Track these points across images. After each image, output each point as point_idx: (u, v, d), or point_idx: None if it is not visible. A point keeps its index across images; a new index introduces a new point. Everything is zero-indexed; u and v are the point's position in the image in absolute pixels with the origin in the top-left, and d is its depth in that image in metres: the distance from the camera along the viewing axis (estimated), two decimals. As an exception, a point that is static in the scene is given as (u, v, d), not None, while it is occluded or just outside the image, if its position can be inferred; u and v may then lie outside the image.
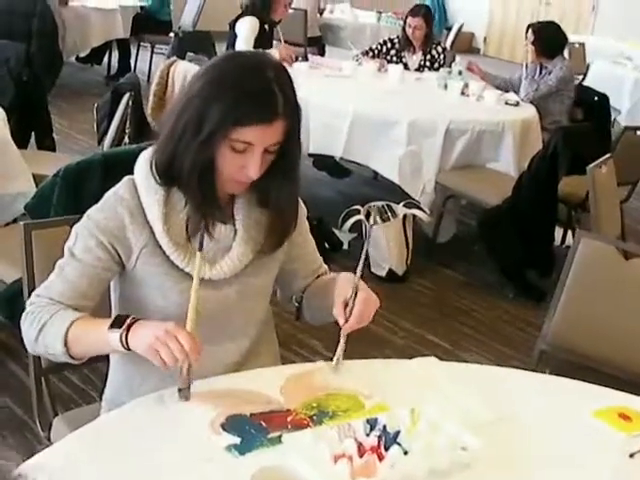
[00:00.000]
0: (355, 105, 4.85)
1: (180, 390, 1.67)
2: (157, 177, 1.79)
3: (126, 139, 3.71)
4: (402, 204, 4.83)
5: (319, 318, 2.06)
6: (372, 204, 4.85)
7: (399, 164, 4.81)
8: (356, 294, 1.83)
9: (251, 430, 1.62)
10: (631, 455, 1.74)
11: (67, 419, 2.12)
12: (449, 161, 4.98)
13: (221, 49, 6.36)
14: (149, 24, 8.25)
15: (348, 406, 1.76)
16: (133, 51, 8.70)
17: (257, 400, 1.73)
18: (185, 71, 4.26)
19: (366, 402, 1.77)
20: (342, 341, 1.86)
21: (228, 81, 1.71)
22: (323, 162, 5.99)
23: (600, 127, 5.26)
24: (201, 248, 1.72)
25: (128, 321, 1.66)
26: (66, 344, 1.72)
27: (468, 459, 1.61)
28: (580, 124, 5.41)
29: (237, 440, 1.59)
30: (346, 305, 1.83)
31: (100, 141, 3.93)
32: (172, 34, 8.28)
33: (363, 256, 1.84)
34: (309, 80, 5.36)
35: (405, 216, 4.78)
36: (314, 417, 1.70)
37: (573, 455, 1.73)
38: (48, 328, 1.74)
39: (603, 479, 1.67)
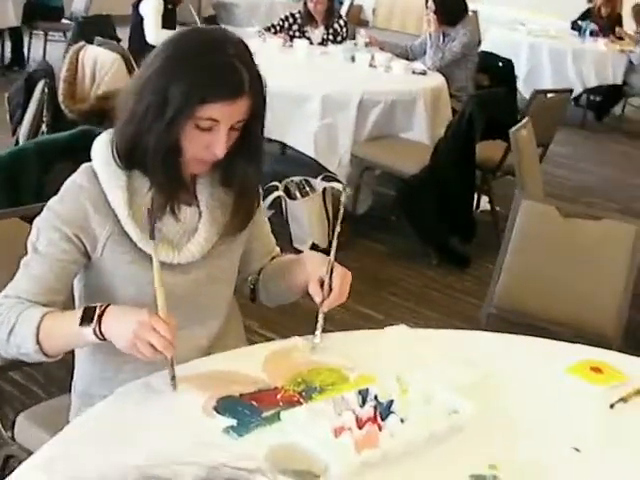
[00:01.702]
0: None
1: (173, 378, 1.63)
2: (119, 161, 1.72)
3: (43, 127, 3.59)
4: (320, 178, 4.83)
5: (276, 299, 2.04)
6: (290, 179, 4.83)
7: (314, 138, 4.80)
8: (332, 271, 1.81)
9: (245, 411, 1.60)
10: (611, 406, 1.79)
11: (31, 415, 2.05)
12: (363, 133, 5.00)
13: (123, 32, 6.22)
14: (40, 11, 7.97)
15: (333, 380, 1.75)
16: (25, 39, 8.42)
17: (243, 380, 1.70)
18: (95, 56, 4.15)
19: (350, 374, 1.76)
20: (320, 319, 1.84)
21: (188, 58, 1.66)
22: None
23: (507, 92, 5.34)
24: (153, 236, 1.64)
25: (97, 312, 1.60)
26: (38, 342, 1.65)
27: (462, 422, 1.62)
28: (493, 89, 5.50)
29: (233, 422, 1.56)
30: (322, 283, 1.81)
31: (15, 131, 3.79)
32: (65, 20, 8.07)
33: (337, 232, 1.82)
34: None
35: (324, 190, 4.78)
36: (303, 393, 1.68)
37: (557, 412, 1.76)
38: (18, 328, 1.67)
39: (589, 431, 1.70)
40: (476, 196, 5.29)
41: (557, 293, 2.74)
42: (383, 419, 1.58)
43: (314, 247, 4.62)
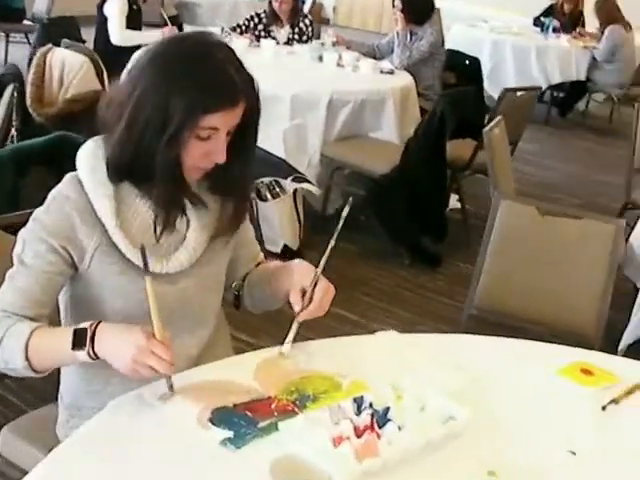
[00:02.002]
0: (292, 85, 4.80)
1: (171, 387, 1.61)
2: (113, 174, 1.69)
3: (13, 131, 3.53)
4: (290, 179, 4.80)
5: (261, 306, 2.02)
6: (260, 181, 4.80)
7: (284, 138, 4.78)
8: (316, 283, 1.79)
9: (240, 422, 1.58)
10: (603, 407, 1.79)
11: (15, 428, 2.02)
12: (333, 133, 4.99)
13: (87, 33, 6.15)
14: (1, 12, 7.85)
15: (325, 387, 1.73)
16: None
17: (236, 390, 1.68)
18: (63, 58, 4.09)
19: (342, 381, 1.75)
20: (294, 327, 1.83)
21: (182, 71, 1.63)
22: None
23: (477, 91, 5.36)
24: (147, 268, 1.61)
25: (89, 334, 1.58)
26: (27, 358, 1.62)
27: (459, 429, 1.61)
28: (463, 88, 5.51)
29: (230, 434, 1.54)
30: (304, 293, 1.80)
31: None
32: (27, 21, 7.96)
33: (330, 248, 1.81)
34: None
35: (295, 191, 4.76)
36: (297, 402, 1.67)
37: (550, 415, 1.76)
38: (6, 343, 1.64)
39: (584, 434, 1.70)
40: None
41: (537, 293, 2.75)
42: (380, 427, 1.56)
43: (285, 248, 4.61)
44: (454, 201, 5.39)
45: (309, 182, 4.83)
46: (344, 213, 1.81)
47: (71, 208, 1.69)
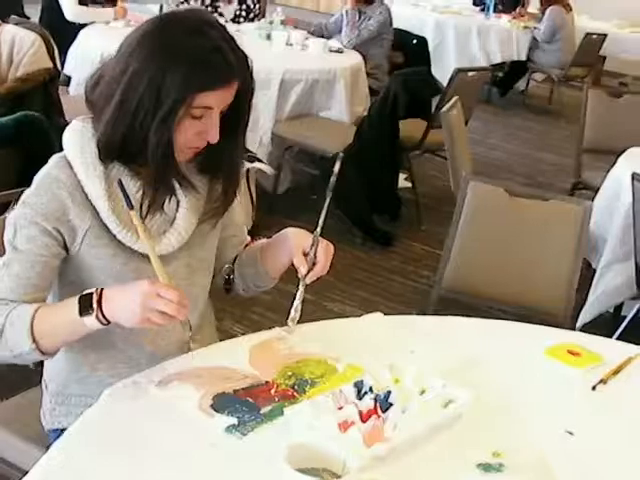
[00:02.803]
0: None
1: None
2: (104, 154, 1.65)
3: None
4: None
5: (254, 286, 2.00)
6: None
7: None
8: (316, 244, 1.79)
9: (243, 408, 1.56)
10: (593, 387, 1.81)
11: None
12: (284, 112, 4.97)
13: (30, 10, 6.00)
14: None
15: (322, 371, 1.72)
16: None
17: (233, 376, 1.66)
18: (13, 36, 3.96)
19: (337, 365, 1.74)
20: (301, 289, 1.81)
21: (176, 49, 1.59)
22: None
23: (428, 71, 5.39)
24: (131, 206, 1.61)
25: (95, 298, 1.55)
26: (34, 340, 1.58)
27: (460, 411, 1.61)
28: (416, 68, 5.51)
29: (233, 420, 1.52)
30: (306, 255, 1.78)
31: None
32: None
33: (326, 204, 1.80)
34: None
35: (248, 171, 4.72)
36: (295, 386, 1.65)
37: (544, 396, 1.78)
38: (8, 330, 1.59)
39: (578, 414, 1.73)
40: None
41: (506, 273, 2.78)
42: (383, 411, 1.56)
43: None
44: (402, 180, 5.42)
45: (261, 161, 4.80)
46: (335, 169, 1.81)
47: (62, 189, 1.64)
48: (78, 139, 1.68)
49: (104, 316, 1.55)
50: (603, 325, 3.49)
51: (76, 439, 1.46)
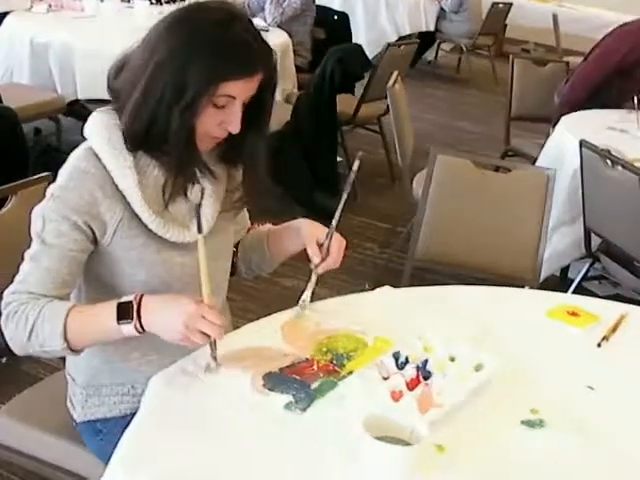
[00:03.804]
0: (122, 44, 4.63)
1: (215, 358, 1.63)
2: (130, 143, 1.67)
3: None
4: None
5: (258, 270, 2.06)
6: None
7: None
8: (331, 237, 1.86)
9: (294, 385, 1.62)
10: (598, 345, 1.94)
11: (9, 412, 2.00)
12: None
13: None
14: None
15: (354, 345, 1.79)
16: None
17: (274, 355, 1.72)
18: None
19: (366, 338, 1.82)
20: (313, 279, 1.89)
21: (201, 39, 1.61)
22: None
23: (359, 46, 5.46)
24: (200, 230, 1.64)
25: (134, 307, 1.58)
26: (66, 339, 1.61)
27: (492, 373, 1.71)
28: (349, 44, 5.58)
29: (289, 398, 1.58)
30: (320, 246, 1.85)
31: None
32: None
33: (344, 199, 1.86)
34: (60, 24, 5.05)
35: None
36: (333, 361, 1.72)
37: (556, 355, 1.90)
38: (40, 325, 1.61)
39: (591, 370, 1.85)
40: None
41: (477, 242, 2.90)
42: (425, 378, 1.65)
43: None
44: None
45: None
46: (355, 167, 1.88)
47: (92, 182, 1.66)
48: (103, 130, 1.70)
49: (142, 326, 1.58)
50: (551, 288, 3.63)
51: (145, 426, 1.50)
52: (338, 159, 5.43)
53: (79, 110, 5.42)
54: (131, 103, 1.65)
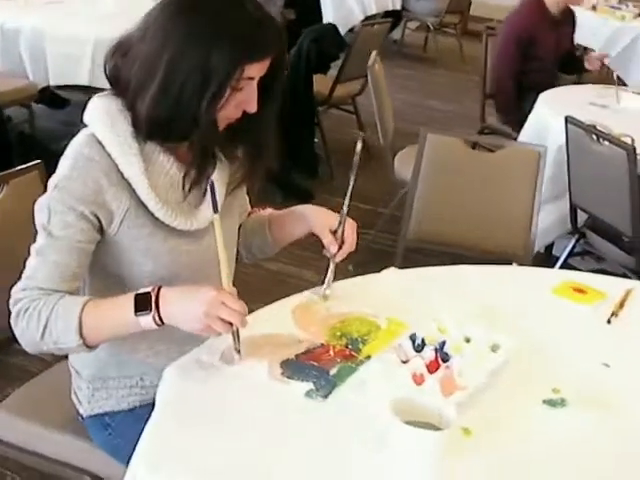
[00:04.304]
0: (94, 29, 4.55)
1: (238, 351, 1.59)
2: (147, 133, 1.62)
3: None
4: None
5: (259, 254, 2.03)
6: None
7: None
8: (344, 222, 1.84)
9: (312, 372, 1.59)
10: (608, 321, 1.93)
11: (9, 407, 1.96)
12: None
13: None
14: None
15: (367, 329, 1.77)
16: None
17: (289, 342, 1.69)
18: None
19: (378, 321, 1.79)
20: (332, 268, 1.86)
21: (219, 22, 1.55)
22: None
23: (334, 27, 5.41)
24: (216, 209, 1.60)
25: (153, 298, 1.53)
26: (82, 335, 1.55)
27: (509, 354, 1.69)
28: (324, 25, 5.53)
29: (310, 386, 1.55)
30: (333, 233, 1.82)
31: None
32: None
33: (352, 183, 1.83)
34: (31, 10, 4.93)
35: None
36: (349, 346, 1.70)
37: (564, 333, 1.88)
38: (54, 322, 1.55)
39: (604, 346, 1.84)
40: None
41: (469, 220, 2.89)
42: (444, 360, 1.63)
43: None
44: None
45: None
46: (358, 149, 1.84)
47: (97, 171, 1.60)
48: (105, 116, 1.64)
49: (160, 317, 1.53)
50: (537, 265, 3.62)
51: (165, 420, 1.46)
52: (315, 140, 5.40)
53: (50, 97, 5.34)
54: (149, 94, 1.58)
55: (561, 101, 4.07)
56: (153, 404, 1.75)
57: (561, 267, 3.59)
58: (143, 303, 1.53)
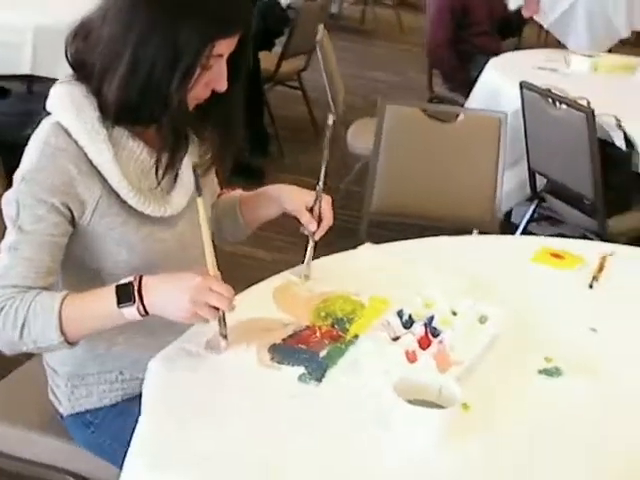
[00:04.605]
0: (34, 16, 4.41)
1: (225, 337, 1.54)
2: (115, 117, 1.55)
3: None
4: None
5: (230, 237, 1.98)
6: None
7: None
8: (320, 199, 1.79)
9: (302, 355, 1.54)
10: (590, 286, 1.91)
11: None
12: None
13: None
14: None
15: (351, 307, 1.72)
16: None
17: (274, 325, 1.64)
18: None
19: (360, 299, 1.75)
20: (311, 247, 1.81)
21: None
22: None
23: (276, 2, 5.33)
24: (200, 192, 1.54)
25: (135, 287, 1.46)
26: (63, 332, 1.48)
27: (500, 326, 1.66)
28: (266, 1, 5.43)
29: (301, 370, 1.50)
30: (310, 211, 1.78)
31: None
32: None
33: (326, 158, 1.79)
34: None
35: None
36: (335, 326, 1.65)
37: (548, 299, 1.87)
38: (32, 321, 1.47)
39: (589, 312, 1.82)
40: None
41: (433, 191, 2.86)
42: (434, 335, 1.60)
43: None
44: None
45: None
46: (330, 122, 1.79)
47: (66, 160, 1.52)
48: (70, 103, 1.56)
49: (144, 308, 1.46)
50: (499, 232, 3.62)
51: (157, 414, 1.40)
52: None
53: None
54: (116, 77, 1.50)
55: (510, 66, 4.06)
56: (135, 398, 1.70)
57: (521, 233, 3.59)
58: (125, 294, 1.46)
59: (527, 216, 3.58)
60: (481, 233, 2.70)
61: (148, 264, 1.63)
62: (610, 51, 5.43)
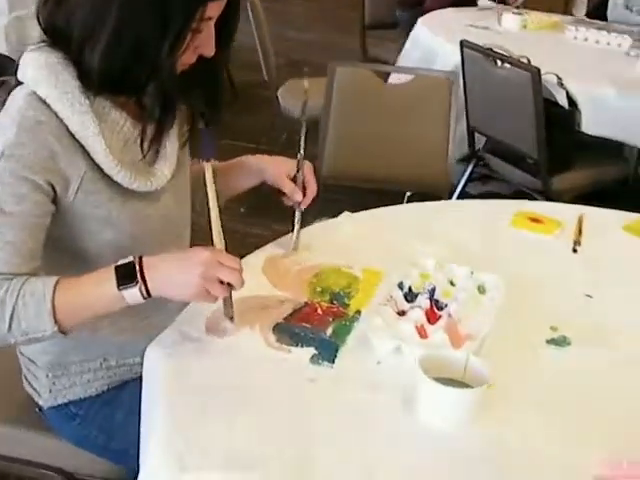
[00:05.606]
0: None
1: (231, 318, 1.46)
2: (96, 87, 1.44)
3: None
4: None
5: (198, 206, 1.88)
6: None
7: (5, 34, 4.31)
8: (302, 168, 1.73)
9: (309, 335, 1.48)
10: (574, 250, 1.90)
11: None
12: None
13: None
14: None
15: (346, 281, 1.67)
16: None
17: (271, 303, 1.57)
18: None
19: (353, 272, 1.70)
20: (299, 217, 1.76)
21: None
22: None
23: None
24: (211, 155, 1.46)
25: (137, 268, 1.36)
26: (56, 321, 1.36)
27: (503, 299, 1.61)
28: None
29: (312, 351, 1.44)
30: (293, 181, 1.72)
31: None
32: None
33: (304, 130, 1.72)
34: None
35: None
36: (334, 302, 1.60)
37: (536, 266, 1.83)
38: (21, 311, 1.35)
39: (579, 276, 1.80)
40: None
41: (385, 154, 2.81)
42: (440, 308, 1.55)
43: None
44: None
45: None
46: (306, 85, 1.78)
47: (46, 133, 1.40)
48: (46, 72, 1.43)
49: (147, 289, 1.36)
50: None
51: (164, 405, 1.31)
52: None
53: None
54: (101, 43, 1.39)
55: (440, 24, 4.02)
56: (122, 385, 1.62)
57: (459, 197, 3.58)
58: (127, 275, 1.36)
59: (465, 176, 3.57)
60: (435, 197, 2.65)
61: (134, 242, 1.53)
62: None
